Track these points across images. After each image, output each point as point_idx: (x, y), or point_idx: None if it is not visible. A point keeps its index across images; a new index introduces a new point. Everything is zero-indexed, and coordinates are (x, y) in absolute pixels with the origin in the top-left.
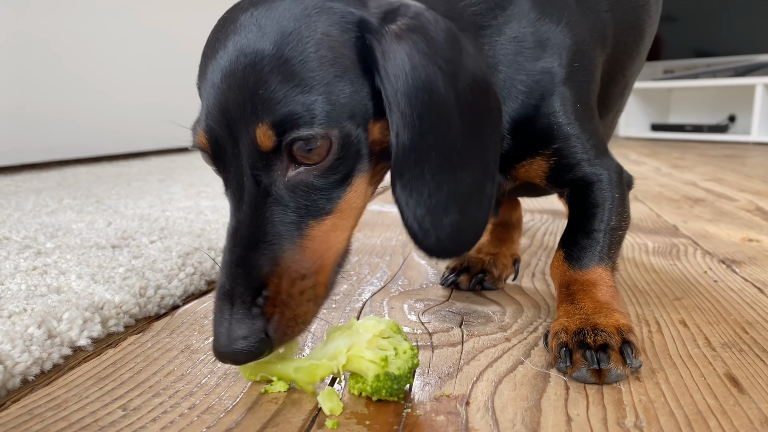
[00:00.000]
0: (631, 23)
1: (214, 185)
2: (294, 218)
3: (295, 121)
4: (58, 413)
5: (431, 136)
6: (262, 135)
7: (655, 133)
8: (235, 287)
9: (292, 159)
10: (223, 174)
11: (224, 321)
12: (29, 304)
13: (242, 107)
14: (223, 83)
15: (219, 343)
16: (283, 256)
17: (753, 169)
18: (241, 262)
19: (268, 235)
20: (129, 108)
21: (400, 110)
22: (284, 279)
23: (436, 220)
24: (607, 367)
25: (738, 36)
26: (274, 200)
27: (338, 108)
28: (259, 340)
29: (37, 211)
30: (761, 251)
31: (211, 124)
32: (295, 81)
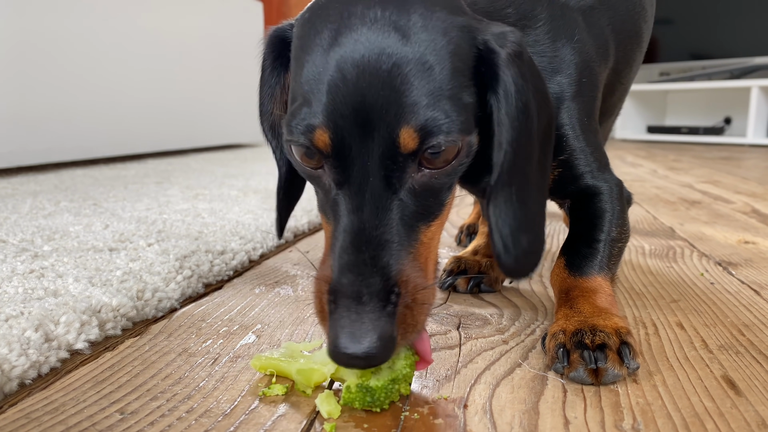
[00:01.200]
0: (629, 32)
1: (212, 188)
2: (411, 222)
3: (438, 126)
4: (56, 417)
5: (522, 159)
6: (407, 137)
7: (651, 135)
8: (367, 286)
9: (419, 163)
10: (338, 176)
11: (355, 321)
12: (26, 308)
13: (385, 108)
14: (361, 80)
15: (348, 343)
16: (408, 259)
17: (749, 172)
18: (372, 261)
19: (395, 237)
20: (126, 110)
21: (509, 130)
22: (410, 281)
23: (516, 239)
24: (604, 367)
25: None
26: (399, 202)
27: (468, 116)
28: (392, 342)
29: (34, 214)
30: (757, 253)
31: (338, 121)
32: (437, 87)
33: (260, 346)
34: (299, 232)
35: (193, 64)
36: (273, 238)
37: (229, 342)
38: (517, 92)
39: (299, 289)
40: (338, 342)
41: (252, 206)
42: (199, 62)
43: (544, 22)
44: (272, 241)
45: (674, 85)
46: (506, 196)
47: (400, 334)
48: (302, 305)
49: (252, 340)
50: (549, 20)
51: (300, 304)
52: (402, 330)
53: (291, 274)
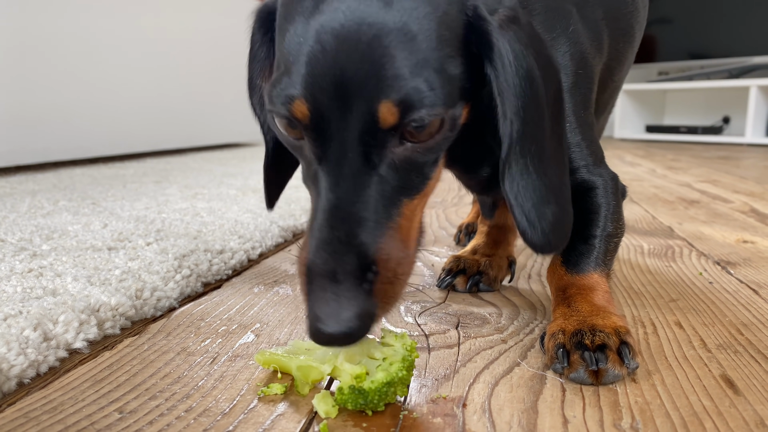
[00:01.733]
0: (622, 30)
1: (211, 187)
2: (392, 196)
3: (420, 99)
4: (54, 416)
5: (532, 127)
6: (386, 111)
7: (649, 134)
8: (341, 264)
9: (401, 136)
10: (318, 149)
11: (330, 300)
12: (25, 307)
13: (364, 81)
14: (340, 51)
15: (326, 323)
16: (387, 234)
17: (747, 171)
18: (346, 239)
19: (372, 213)
20: (125, 109)
21: (512, 98)
22: (391, 257)
23: (541, 212)
24: (605, 367)
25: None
26: (378, 178)
27: (453, 88)
28: (370, 319)
29: (32, 213)
30: (756, 253)
31: (317, 93)
32: (420, 58)
33: (259, 345)
34: (298, 231)
35: (192, 63)
36: (272, 237)
37: (227, 341)
38: (515, 58)
39: (298, 288)
40: (315, 323)
41: (251, 205)
42: (198, 61)
43: (539, 12)
44: (271, 240)
45: (673, 85)
46: (522, 169)
47: (380, 307)
48: (301, 304)
49: (251, 339)
50: (544, 11)
51: (299, 304)
52: (382, 303)
53: (290, 273)
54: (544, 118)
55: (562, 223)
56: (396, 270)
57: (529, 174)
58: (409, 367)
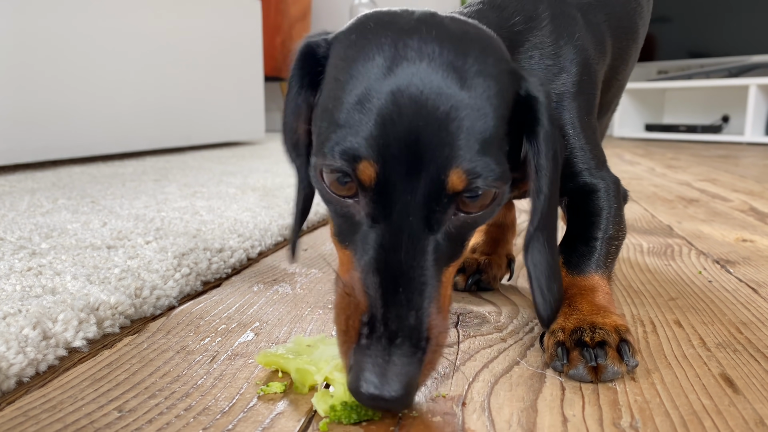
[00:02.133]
0: (625, 28)
1: (210, 185)
2: (441, 263)
3: (485, 172)
4: (54, 415)
5: (554, 199)
6: (456, 178)
7: (649, 133)
8: (401, 329)
9: (457, 206)
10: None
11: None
12: (24, 305)
13: (439, 149)
14: (419, 117)
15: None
16: (435, 303)
17: (746, 170)
18: (407, 304)
19: (429, 279)
20: (124, 108)
21: (547, 176)
22: (437, 326)
23: (550, 287)
24: (604, 364)
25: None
26: (436, 243)
27: (506, 166)
28: (414, 389)
29: (31, 212)
30: (755, 251)
31: (387, 157)
32: (488, 135)
33: (258, 344)
34: None
35: (191, 62)
36: (271, 235)
37: (227, 340)
38: (551, 137)
39: (297, 287)
40: (364, 379)
41: (250, 204)
42: (197, 60)
43: (547, 21)
44: (270, 239)
45: (672, 83)
46: (540, 245)
47: (422, 376)
48: (300, 303)
49: (250, 338)
50: (551, 19)
51: (298, 302)
52: (424, 372)
53: (289, 272)
54: (555, 193)
55: (561, 297)
56: (439, 339)
57: (544, 250)
58: None
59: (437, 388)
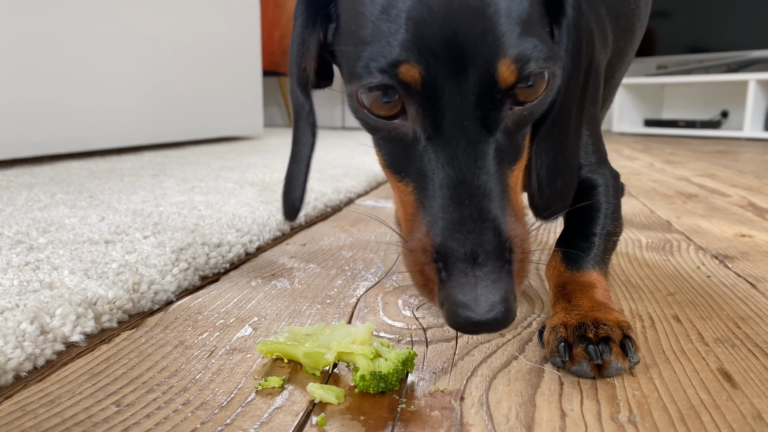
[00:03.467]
0: (624, 27)
1: (208, 180)
2: (504, 167)
3: (534, 54)
4: (51, 409)
5: (569, 101)
6: (506, 69)
7: (648, 128)
8: (481, 245)
9: (513, 98)
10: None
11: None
12: (21, 300)
13: (480, 40)
14: (450, 11)
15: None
16: (510, 208)
17: (745, 165)
18: (479, 216)
19: (497, 185)
20: (122, 102)
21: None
22: (518, 233)
23: (551, 181)
24: (608, 359)
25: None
26: (497, 145)
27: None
28: (515, 300)
29: (29, 206)
30: (754, 246)
31: (428, 56)
32: (528, 16)
33: (257, 339)
34: (295, 224)
35: (189, 56)
36: (270, 230)
37: (225, 335)
38: (575, 28)
39: (296, 281)
40: (462, 311)
41: (248, 199)
42: (195, 54)
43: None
44: (269, 234)
45: (671, 79)
46: (549, 137)
47: (516, 286)
48: (299, 298)
49: (248, 333)
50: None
51: (296, 297)
52: (517, 282)
53: (287, 266)
54: (581, 90)
55: (566, 193)
56: (524, 246)
57: (553, 143)
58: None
59: (435, 383)
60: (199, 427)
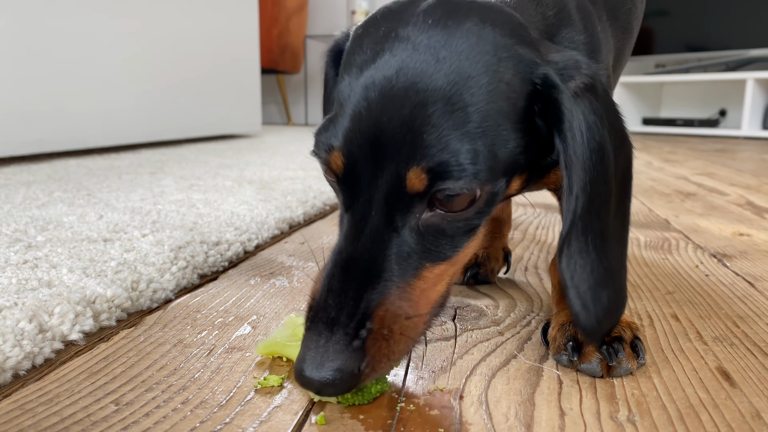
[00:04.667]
0: (622, 27)
1: (206, 178)
2: (414, 260)
3: (452, 171)
4: (50, 408)
5: (598, 204)
6: (414, 177)
7: (646, 127)
8: (339, 314)
9: (430, 202)
10: (347, 199)
11: (320, 346)
12: (20, 298)
13: (400, 146)
14: (382, 111)
15: (308, 367)
16: (395, 294)
17: (743, 164)
18: (350, 292)
19: (384, 272)
20: (120, 100)
21: (581, 173)
22: (389, 315)
23: (596, 296)
24: (622, 359)
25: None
26: (400, 241)
27: (499, 164)
28: (351, 375)
29: (27, 204)
30: (752, 245)
31: (354, 150)
32: (465, 129)
33: (256, 337)
34: (294, 223)
35: (188, 54)
36: (268, 228)
37: (224, 333)
38: (588, 130)
39: (294, 280)
40: (301, 363)
41: (247, 197)
42: (194, 52)
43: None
44: (267, 232)
45: (670, 77)
46: (582, 247)
47: (371, 366)
48: (297, 296)
49: (247, 331)
50: (577, 9)
51: (295, 295)
52: (374, 361)
53: (286, 265)
54: (611, 194)
55: (616, 308)
56: (393, 326)
57: (589, 254)
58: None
59: (434, 382)
60: (198, 425)
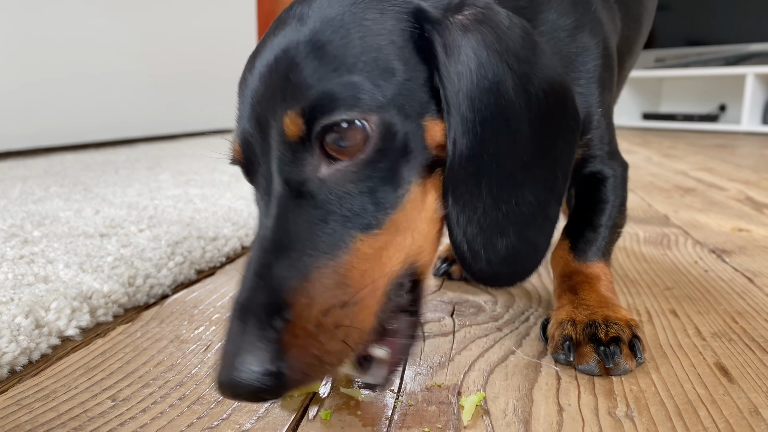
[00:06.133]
0: (633, 16)
1: (203, 173)
2: (336, 227)
3: (327, 104)
4: (47, 404)
5: (494, 146)
6: (289, 122)
7: (646, 122)
8: (251, 301)
9: (325, 153)
10: (251, 179)
11: (231, 343)
12: (16, 294)
13: (272, 98)
14: (257, 85)
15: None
16: (318, 272)
17: (743, 159)
18: (261, 272)
19: (298, 243)
20: (117, 94)
21: (461, 113)
22: (315, 301)
23: (489, 241)
24: (619, 361)
25: (729, 25)
26: (307, 202)
27: (380, 93)
28: (268, 375)
29: (23, 199)
30: (751, 241)
31: (244, 132)
32: (333, 64)
33: None
34: None
35: (185, 48)
36: None
37: (221, 329)
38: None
39: None
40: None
41: (244, 192)
42: (191, 46)
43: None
44: None
45: (670, 72)
46: (471, 191)
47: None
48: None
49: None
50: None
51: None
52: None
53: None
54: (517, 136)
55: (522, 257)
56: (324, 321)
57: (481, 198)
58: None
59: (433, 378)
60: (195, 421)
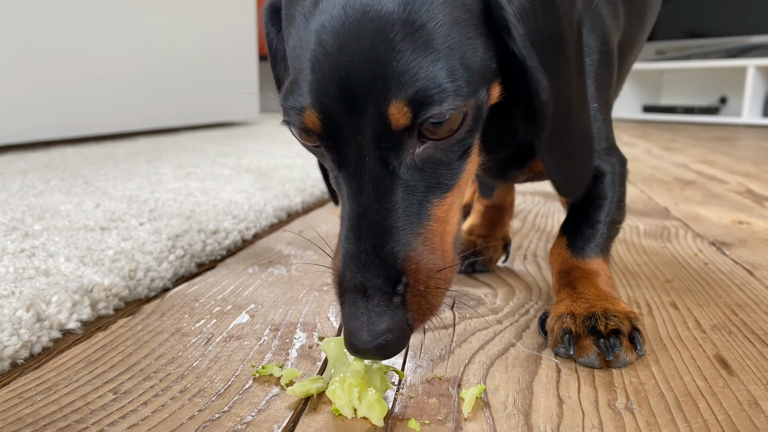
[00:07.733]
0: (636, 13)
1: (204, 166)
2: (420, 199)
3: (433, 95)
4: (48, 396)
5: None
6: (396, 112)
7: (646, 114)
8: (369, 278)
9: (420, 135)
10: (336, 156)
11: (362, 315)
12: (17, 287)
13: (371, 82)
14: (343, 52)
15: (360, 339)
16: (417, 242)
17: (743, 152)
18: (374, 251)
19: (399, 221)
20: (116, 87)
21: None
22: (422, 269)
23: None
24: (619, 353)
25: (730, 17)
26: (402, 182)
27: (474, 75)
28: (403, 332)
29: (23, 193)
30: (751, 233)
31: (325, 100)
32: (431, 49)
33: (254, 326)
34: (292, 211)
35: (185, 41)
36: (266, 217)
37: (222, 322)
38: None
39: (293, 268)
40: (350, 337)
41: (244, 185)
42: (191, 39)
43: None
44: (265, 221)
45: (670, 64)
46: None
47: (418, 319)
48: (296, 285)
49: (245, 320)
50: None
51: (293, 284)
52: (418, 315)
53: (284, 253)
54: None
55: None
56: (428, 281)
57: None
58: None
59: (433, 370)
60: (196, 414)
